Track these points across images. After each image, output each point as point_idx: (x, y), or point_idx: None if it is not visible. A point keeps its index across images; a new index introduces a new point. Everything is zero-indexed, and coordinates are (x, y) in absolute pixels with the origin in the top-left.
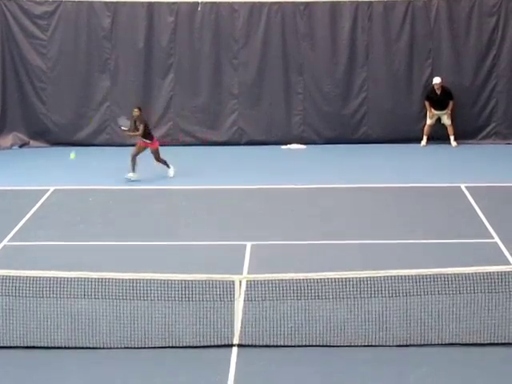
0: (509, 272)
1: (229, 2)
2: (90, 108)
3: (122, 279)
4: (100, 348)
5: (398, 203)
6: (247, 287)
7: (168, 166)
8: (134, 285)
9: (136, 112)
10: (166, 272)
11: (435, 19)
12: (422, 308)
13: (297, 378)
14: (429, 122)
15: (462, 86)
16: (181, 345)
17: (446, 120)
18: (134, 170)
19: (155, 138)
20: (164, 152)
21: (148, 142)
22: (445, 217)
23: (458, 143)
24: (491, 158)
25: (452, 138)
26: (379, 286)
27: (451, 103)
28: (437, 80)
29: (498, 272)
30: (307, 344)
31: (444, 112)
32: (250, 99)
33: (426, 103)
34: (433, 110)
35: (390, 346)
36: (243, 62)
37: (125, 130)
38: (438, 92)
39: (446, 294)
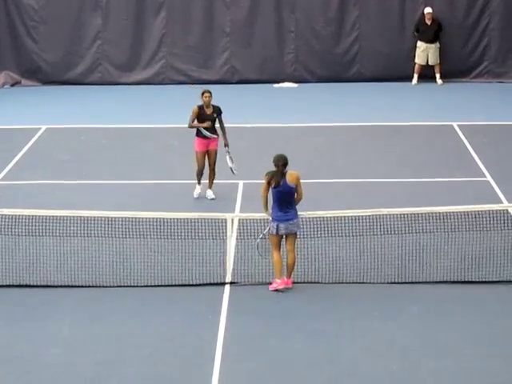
0: (500, 210)
1: None
2: (81, 46)
3: (114, 217)
4: (93, 286)
5: (389, 141)
6: (239, 225)
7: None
8: (126, 223)
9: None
10: (159, 210)
11: None
12: (413, 246)
13: (289, 314)
14: (418, 60)
15: (455, 24)
16: (173, 283)
17: (434, 60)
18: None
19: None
20: (156, 91)
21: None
22: (437, 155)
23: (443, 81)
24: (484, 96)
25: (438, 75)
26: (371, 224)
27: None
28: (428, 9)
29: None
30: (300, 281)
31: (433, 46)
32: (242, 37)
33: (415, 35)
34: (421, 42)
35: (382, 283)
36: None
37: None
38: (429, 23)
39: (438, 231)
